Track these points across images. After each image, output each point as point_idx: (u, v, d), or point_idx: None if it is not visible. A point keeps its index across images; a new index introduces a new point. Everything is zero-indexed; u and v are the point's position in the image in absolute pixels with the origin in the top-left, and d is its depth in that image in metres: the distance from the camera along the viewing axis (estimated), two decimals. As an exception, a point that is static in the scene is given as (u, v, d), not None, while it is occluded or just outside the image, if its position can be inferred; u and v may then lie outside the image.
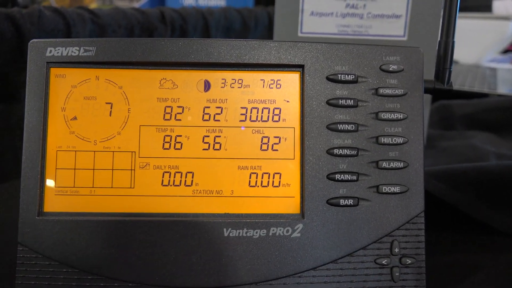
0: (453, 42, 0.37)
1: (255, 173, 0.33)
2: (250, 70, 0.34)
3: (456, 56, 1.49)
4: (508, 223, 0.44)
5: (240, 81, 0.34)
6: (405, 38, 0.65)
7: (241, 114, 0.34)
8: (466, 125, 0.76)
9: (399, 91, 0.35)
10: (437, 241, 0.43)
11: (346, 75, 0.34)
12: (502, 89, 1.04)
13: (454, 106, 0.80)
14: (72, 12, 0.67)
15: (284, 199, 0.33)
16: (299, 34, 0.67)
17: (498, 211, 0.45)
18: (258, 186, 0.33)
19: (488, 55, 1.43)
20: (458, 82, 1.14)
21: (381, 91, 0.35)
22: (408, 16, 0.64)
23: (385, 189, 0.33)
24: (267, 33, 1.02)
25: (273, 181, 0.33)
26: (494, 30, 1.35)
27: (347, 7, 0.65)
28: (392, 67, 0.35)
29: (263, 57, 0.34)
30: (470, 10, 1.41)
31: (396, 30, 0.64)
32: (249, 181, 0.33)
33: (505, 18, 1.35)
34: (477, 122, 0.75)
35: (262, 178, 0.33)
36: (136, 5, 2.33)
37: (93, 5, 1.84)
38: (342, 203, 0.33)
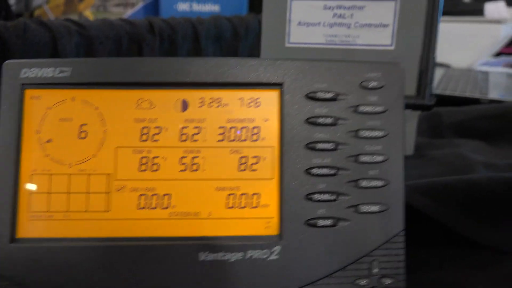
0: (433, 58, 0.37)
1: (233, 194, 0.33)
2: (228, 89, 0.34)
3: (449, 60, 1.48)
4: (496, 238, 0.44)
5: (218, 100, 0.34)
6: (392, 47, 0.64)
7: (220, 134, 0.34)
8: (456, 133, 0.75)
9: (379, 108, 0.35)
10: (422, 258, 0.42)
11: (326, 93, 0.34)
12: (493, 94, 1.04)
13: (444, 113, 0.79)
14: (58, 24, 0.66)
15: (262, 220, 0.33)
16: (287, 45, 0.67)
17: (486, 226, 0.44)
18: (236, 208, 0.33)
19: (481, 58, 1.43)
20: (450, 87, 1.14)
21: (361, 108, 0.34)
22: (395, 25, 0.64)
23: (364, 208, 0.33)
24: (259, 41, 1.01)
25: (251, 202, 0.33)
26: (486, 33, 1.35)
27: (334, 17, 0.65)
28: (372, 84, 0.35)
29: (242, 75, 0.34)
30: (462, 14, 1.41)
31: (383, 39, 0.64)
32: (227, 202, 0.33)
33: (497, 21, 1.36)
34: (467, 130, 0.75)
35: (240, 199, 0.33)
36: (130, 11, 2.32)
37: (87, 13, 1.83)
38: (320, 223, 0.33)
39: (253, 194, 0.33)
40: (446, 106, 0.84)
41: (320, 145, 0.33)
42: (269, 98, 0.34)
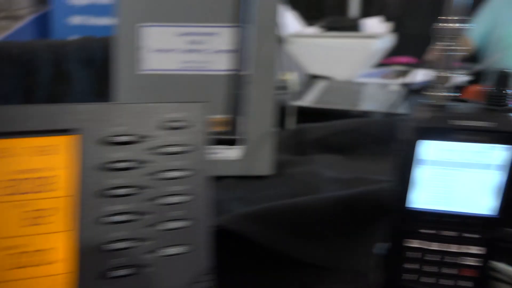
0: (241, 94, 0.38)
1: (20, 252, 0.31)
2: (18, 138, 0.32)
3: (330, 73, 1.55)
4: (321, 256, 0.46)
5: (6, 151, 0.32)
6: (246, 72, 0.66)
7: (7, 187, 0.32)
8: (317, 149, 0.79)
9: (183, 148, 0.35)
10: (251, 283, 0.43)
11: (124, 136, 0.34)
12: (364, 105, 1.11)
13: (308, 130, 0.83)
14: None
15: (57, 277, 0.31)
16: (140, 72, 0.65)
17: (312, 246, 0.46)
18: (26, 267, 0.31)
19: (360, 70, 1.52)
20: (326, 100, 1.20)
21: (163, 149, 0.34)
22: (247, 51, 0.65)
23: (167, 251, 0.33)
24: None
25: (42, 259, 0.31)
26: (361, 47, 1.45)
27: (187, 43, 0.65)
28: (176, 124, 0.35)
29: (34, 123, 0.32)
30: (339, 30, 1.51)
31: (235, 64, 0.66)
32: (16, 262, 0.31)
33: (370, 36, 1.46)
34: (326, 145, 0.78)
35: (30, 257, 0.31)
36: (18, 25, 2.16)
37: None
38: (120, 273, 0.32)
39: (45, 250, 0.31)
40: (320, 118, 0.87)
41: (117, 191, 0.33)
42: (64, 145, 0.33)
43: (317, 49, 1.52)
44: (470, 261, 0.35)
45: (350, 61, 1.44)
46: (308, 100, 1.29)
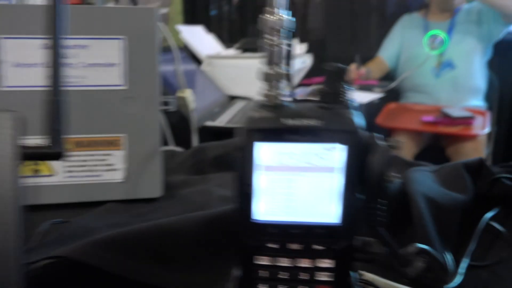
0: (63, 102, 0.34)
1: None
2: None
3: (248, 93, 1.54)
4: (187, 282, 0.42)
5: None
6: (124, 87, 0.61)
7: None
8: (215, 167, 0.75)
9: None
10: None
11: None
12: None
13: (207, 148, 0.79)
14: None
15: None
16: (2, 89, 0.59)
17: (176, 271, 0.42)
18: None
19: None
20: (241, 119, 1.18)
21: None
22: (124, 65, 0.61)
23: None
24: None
25: None
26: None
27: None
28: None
29: None
30: (255, 51, 1.51)
31: (114, 79, 0.61)
32: None
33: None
34: (225, 163, 0.75)
35: None
36: None
37: None
38: None
39: None
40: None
41: None
42: None
43: (234, 70, 1.51)
44: (323, 276, 0.32)
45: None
46: (223, 120, 1.27)
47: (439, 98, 1.97)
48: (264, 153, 0.30)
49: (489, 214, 0.56)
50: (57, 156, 0.33)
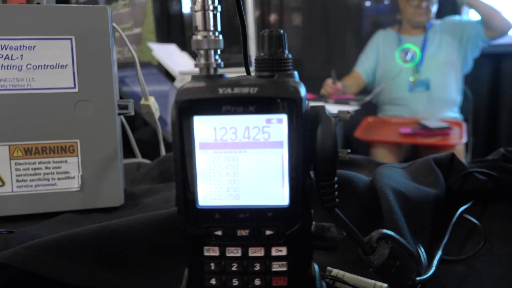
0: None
1: None
2: None
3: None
4: (131, 283, 0.38)
5: None
6: (76, 89, 0.58)
7: None
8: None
9: None
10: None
11: None
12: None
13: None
14: None
15: None
16: None
17: (125, 274, 0.38)
18: None
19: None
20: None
21: None
22: (75, 67, 0.58)
23: None
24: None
25: None
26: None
27: (0, 58, 0.56)
28: None
29: None
30: (229, 66, 1.50)
31: (64, 81, 0.58)
32: None
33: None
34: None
35: None
36: None
37: None
38: None
39: None
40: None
41: None
42: None
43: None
44: (277, 266, 0.29)
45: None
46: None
47: (415, 111, 1.98)
48: (201, 128, 0.27)
49: (462, 208, 0.53)
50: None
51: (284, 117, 0.27)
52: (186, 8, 2.79)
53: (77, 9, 0.57)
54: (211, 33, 0.28)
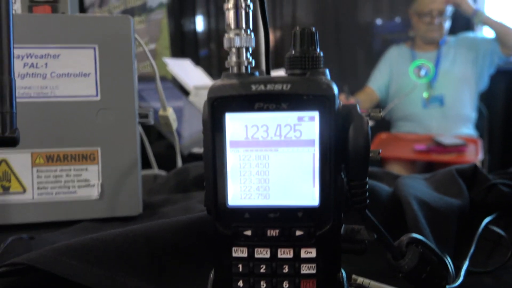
0: (10, 80, 0.31)
1: None
2: None
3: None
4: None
5: None
6: (98, 98, 0.59)
7: None
8: (198, 186, 0.72)
9: None
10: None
11: None
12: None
13: (190, 168, 0.76)
14: None
15: None
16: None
17: (136, 278, 0.38)
18: None
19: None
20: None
21: None
22: (98, 75, 0.59)
23: None
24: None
25: None
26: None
27: (25, 67, 0.57)
28: None
29: None
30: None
31: (86, 89, 0.58)
32: None
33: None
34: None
35: None
36: None
37: None
38: None
39: None
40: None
41: None
42: None
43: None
44: (306, 269, 0.28)
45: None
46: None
47: (429, 127, 1.97)
48: (232, 126, 0.27)
49: (488, 219, 0.52)
50: (12, 142, 0.29)
51: (316, 115, 0.27)
52: (199, 26, 2.83)
53: (101, 18, 0.58)
54: (243, 31, 0.28)
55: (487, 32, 2.08)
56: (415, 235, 0.31)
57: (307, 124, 0.27)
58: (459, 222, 0.49)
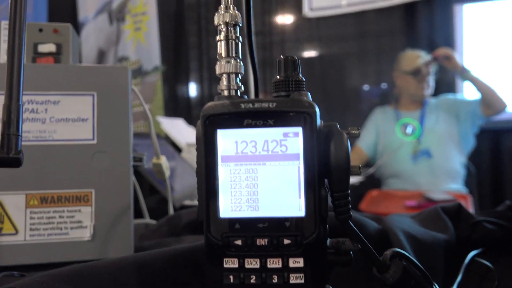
0: (18, 106, 0.33)
1: None
2: None
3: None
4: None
5: None
6: (94, 141, 0.61)
7: None
8: (191, 231, 0.72)
9: None
10: None
11: None
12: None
13: (183, 215, 0.77)
14: None
15: None
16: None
17: None
18: None
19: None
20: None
21: None
22: (95, 120, 0.61)
23: None
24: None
25: None
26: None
27: (26, 112, 0.60)
28: None
29: None
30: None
31: (83, 133, 0.61)
32: None
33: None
34: (201, 226, 0.72)
35: None
36: None
37: None
38: None
39: None
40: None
41: None
42: None
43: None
44: (295, 278, 0.29)
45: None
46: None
47: (419, 183, 2.00)
48: (223, 142, 0.30)
49: (474, 252, 0.53)
50: (16, 162, 0.31)
51: (300, 130, 0.29)
52: (192, 91, 2.93)
53: (100, 68, 0.62)
54: (232, 60, 0.31)
55: (468, 93, 2.17)
56: (398, 249, 0.33)
57: (292, 140, 0.29)
58: (445, 255, 0.51)
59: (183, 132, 1.72)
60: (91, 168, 0.60)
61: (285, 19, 2.81)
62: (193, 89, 2.93)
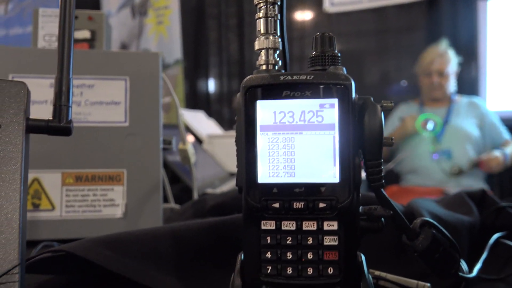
0: (69, 79, 0.35)
1: None
2: None
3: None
4: (175, 285, 0.40)
5: None
6: (126, 124, 0.64)
7: None
8: (214, 214, 0.74)
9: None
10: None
11: None
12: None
13: (208, 198, 0.79)
14: None
15: None
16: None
17: (163, 273, 0.40)
18: None
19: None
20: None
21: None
22: (127, 103, 0.64)
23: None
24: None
25: None
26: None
27: (63, 95, 0.63)
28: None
29: None
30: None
31: (116, 116, 0.63)
32: None
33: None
34: (225, 209, 0.74)
35: None
36: None
37: None
38: None
39: None
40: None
41: None
42: None
43: (234, 149, 1.54)
44: (329, 240, 0.31)
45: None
46: (223, 190, 1.27)
47: (438, 180, 1.98)
48: (262, 112, 0.31)
49: (499, 234, 0.54)
50: (67, 131, 0.33)
51: (336, 102, 0.31)
52: (211, 87, 2.96)
53: (133, 54, 0.65)
54: (271, 36, 0.33)
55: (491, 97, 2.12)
56: (427, 218, 0.34)
57: (328, 110, 0.31)
58: (470, 237, 0.52)
59: (203, 124, 1.74)
60: (123, 149, 0.63)
61: (304, 15, 2.81)
62: (212, 84, 2.96)
